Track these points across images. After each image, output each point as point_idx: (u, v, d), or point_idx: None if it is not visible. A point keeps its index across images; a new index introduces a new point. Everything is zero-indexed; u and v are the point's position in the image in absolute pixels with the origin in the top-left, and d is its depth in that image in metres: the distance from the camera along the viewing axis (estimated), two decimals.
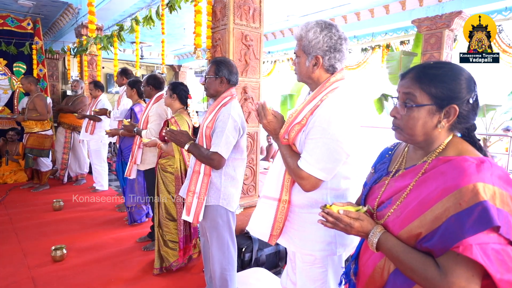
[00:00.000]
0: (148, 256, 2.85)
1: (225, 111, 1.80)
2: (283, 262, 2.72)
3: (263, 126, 1.38)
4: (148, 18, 3.78)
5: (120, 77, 3.95)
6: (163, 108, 2.85)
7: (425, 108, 0.86)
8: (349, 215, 0.92)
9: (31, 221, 3.63)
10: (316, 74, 1.32)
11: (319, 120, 1.22)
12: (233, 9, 2.59)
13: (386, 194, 0.95)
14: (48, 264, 2.68)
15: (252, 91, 2.78)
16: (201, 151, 1.81)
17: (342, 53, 1.30)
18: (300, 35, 1.31)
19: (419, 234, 0.81)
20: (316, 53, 1.28)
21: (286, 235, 1.39)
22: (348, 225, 0.92)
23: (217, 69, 1.85)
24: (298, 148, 1.31)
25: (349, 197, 1.36)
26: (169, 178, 2.58)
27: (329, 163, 1.21)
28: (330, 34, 1.26)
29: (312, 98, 1.30)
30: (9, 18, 5.82)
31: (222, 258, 1.94)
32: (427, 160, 0.89)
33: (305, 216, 1.34)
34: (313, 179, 1.23)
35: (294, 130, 1.29)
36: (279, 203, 1.36)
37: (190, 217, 1.85)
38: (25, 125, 4.68)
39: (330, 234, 1.31)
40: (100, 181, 4.85)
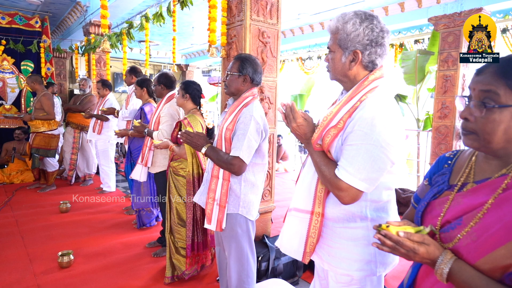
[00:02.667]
0: (158, 263, 2.73)
1: (247, 112, 1.66)
2: (300, 271, 2.57)
3: (292, 130, 1.23)
4: (159, 15, 3.65)
5: (129, 76, 3.83)
6: (175, 108, 2.72)
7: (510, 109, 0.72)
8: (411, 238, 0.78)
9: (38, 223, 3.53)
10: (353, 72, 1.17)
11: (360, 124, 1.07)
12: (250, 4, 2.46)
13: (452, 212, 0.80)
14: (55, 270, 2.57)
15: (268, 91, 2.64)
16: (219, 155, 1.68)
17: (384, 47, 1.15)
18: (336, 27, 1.16)
19: (508, 266, 0.66)
20: (354, 48, 1.13)
21: (318, 252, 1.25)
22: (411, 250, 0.77)
23: (241, 66, 1.71)
24: (333, 155, 1.17)
25: (390, 210, 1.21)
26: (181, 182, 2.45)
27: (372, 173, 1.07)
28: (372, 26, 1.11)
29: (349, 98, 1.15)
30: (17, 16, 5.75)
31: (241, 270, 1.81)
32: (509, 174, 0.74)
33: (341, 231, 1.19)
34: (353, 191, 1.08)
35: (329, 134, 1.15)
36: (311, 216, 1.21)
37: (212, 226, 1.72)
38: (32, 124, 4.59)
39: (370, 252, 1.16)
40: (108, 182, 4.74)
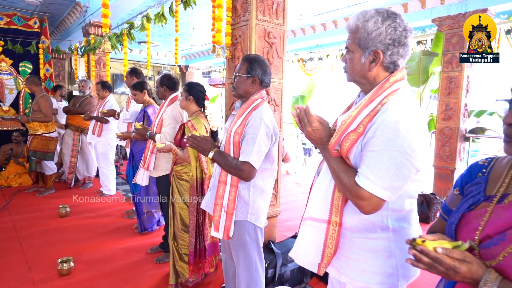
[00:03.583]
0: (161, 270, 2.65)
1: (256, 115, 1.60)
2: (308, 278, 2.50)
3: (307, 135, 1.16)
4: (160, 15, 3.58)
5: (130, 77, 3.76)
6: (178, 111, 2.65)
7: None
8: (450, 254, 0.71)
9: (36, 228, 3.44)
10: (372, 73, 1.11)
11: (383, 128, 1.01)
12: (256, 3, 2.39)
13: (492, 226, 0.74)
14: (54, 278, 2.49)
15: (274, 93, 2.57)
16: (228, 160, 1.61)
17: (406, 47, 1.08)
18: (356, 26, 1.09)
19: None
20: (375, 48, 1.07)
21: (335, 263, 1.18)
22: (451, 268, 0.70)
23: (250, 67, 1.64)
24: (352, 161, 1.10)
25: (413, 220, 1.15)
26: (185, 187, 2.38)
27: (395, 181, 1.00)
28: (395, 25, 1.05)
29: (369, 101, 1.08)
30: (16, 16, 5.67)
31: (250, 279, 1.73)
32: None
33: (359, 242, 1.13)
34: (375, 200, 1.02)
35: (348, 139, 1.08)
36: (328, 226, 1.15)
37: (219, 233, 1.64)
38: (29, 126, 4.51)
39: (391, 265, 1.09)
40: (108, 185, 4.66)
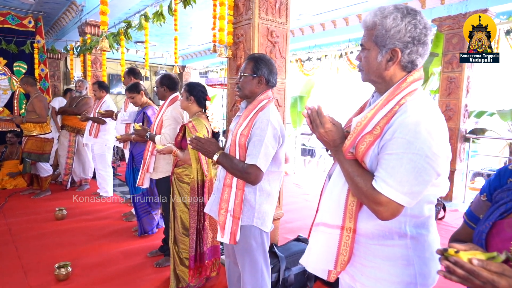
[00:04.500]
0: (161, 274, 2.59)
1: (263, 116, 1.54)
2: (312, 282, 2.45)
3: (318, 136, 1.11)
4: (159, 14, 3.52)
5: (128, 78, 3.69)
6: (178, 111, 2.59)
7: None
8: (487, 267, 0.66)
9: (32, 231, 3.36)
10: (389, 72, 1.06)
11: (402, 130, 0.96)
12: (259, 2, 2.34)
13: None
14: (51, 284, 2.42)
15: (277, 93, 2.52)
16: (234, 163, 1.55)
17: (426, 46, 1.03)
18: (373, 22, 1.04)
19: None
20: (393, 45, 1.02)
21: (349, 270, 1.13)
22: (489, 282, 0.65)
23: (255, 67, 1.59)
24: (367, 164, 1.05)
25: (431, 226, 1.10)
26: (186, 189, 2.32)
27: (415, 186, 0.95)
28: (415, 22, 1.00)
29: (386, 102, 1.03)
30: (10, 15, 5.57)
31: (255, 285, 1.68)
32: None
33: (375, 249, 1.08)
34: (393, 205, 0.97)
35: (364, 142, 1.03)
36: (342, 232, 1.09)
37: (225, 238, 1.59)
38: (24, 127, 4.41)
39: (410, 273, 1.04)
40: (105, 187, 4.58)
